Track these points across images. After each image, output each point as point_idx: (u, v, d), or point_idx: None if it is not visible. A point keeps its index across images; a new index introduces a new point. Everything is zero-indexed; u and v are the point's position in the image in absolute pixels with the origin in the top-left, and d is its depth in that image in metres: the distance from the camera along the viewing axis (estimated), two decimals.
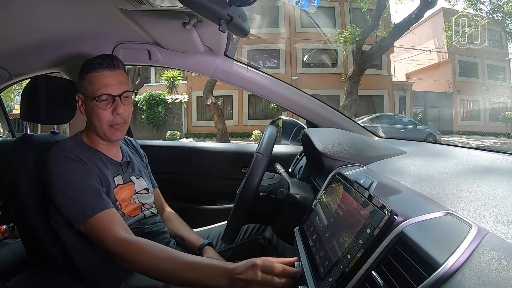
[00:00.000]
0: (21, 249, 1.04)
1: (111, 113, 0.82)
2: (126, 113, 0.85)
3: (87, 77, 0.82)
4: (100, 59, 0.82)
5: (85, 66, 0.83)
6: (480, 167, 0.67)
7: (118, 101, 0.82)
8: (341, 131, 1.06)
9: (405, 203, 0.51)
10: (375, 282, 0.42)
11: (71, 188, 0.75)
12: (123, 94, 0.83)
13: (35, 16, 0.85)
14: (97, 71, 0.81)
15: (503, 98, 13.35)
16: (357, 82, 8.07)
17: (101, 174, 0.82)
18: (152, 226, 0.90)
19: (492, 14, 11.01)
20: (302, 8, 0.68)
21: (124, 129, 0.87)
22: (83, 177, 0.77)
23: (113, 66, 0.82)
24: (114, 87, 0.82)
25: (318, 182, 0.92)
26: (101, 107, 0.81)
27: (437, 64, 14.08)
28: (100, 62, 0.81)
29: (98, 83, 0.81)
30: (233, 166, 1.46)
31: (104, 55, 0.84)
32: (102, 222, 0.73)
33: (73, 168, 0.77)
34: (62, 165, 0.77)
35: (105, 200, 0.77)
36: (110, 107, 0.82)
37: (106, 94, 0.81)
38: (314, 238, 0.63)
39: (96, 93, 0.81)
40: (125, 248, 0.69)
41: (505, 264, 0.32)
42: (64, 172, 0.76)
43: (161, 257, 0.67)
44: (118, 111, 0.82)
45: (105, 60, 0.82)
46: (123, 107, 0.83)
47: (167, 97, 11.78)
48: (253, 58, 12.25)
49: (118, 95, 0.82)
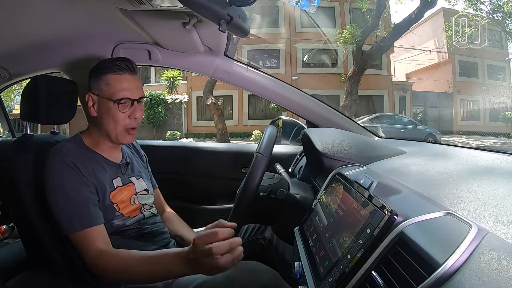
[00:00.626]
0: (21, 249, 1.04)
1: (127, 117, 0.83)
2: (141, 117, 0.86)
3: (105, 79, 0.82)
4: (120, 61, 0.82)
5: (101, 67, 0.83)
6: (480, 167, 0.67)
7: (136, 106, 0.84)
8: (341, 131, 1.06)
9: (405, 203, 0.51)
10: (375, 282, 0.42)
11: (63, 195, 0.76)
12: (140, 99, 0.84)
13: (35, 16, 0.85)
14: (117, 73, 0.81)
15: (503, 98, 13.34)
16: (357, 82, 8.08)
17: (97, 181, 0.81)
18: (152, 226, 0.90)
19: (492, 14, 11.01)
20: (302, 8, 0.68)
21: (135, 134, 0.88)
22: (76, 187, 0.77)
23: (133, 71, 0.84)
24: (133, 91, 0.83)
25: (318, 182, 0.92)
26: (120, 110, 0.81)
27: (437, 64, 14.08)
28: (120, 65, 0.82)
29: (117, 86, 0.81)
30: (233, 166, 1.46)
31: (122, 58, 0.84)
32: (87, 238, 0.74)
33: (67, 175, 0.77)
34: (57, 170, 0.77)
35: (93, 215, 0.77)
36: (128, 111, 0.83)
37: (126, 98, 0.81)
38: (314, 238, 0.63)
39: (116, 95, 0.81)
40: (99, 260, 0.72)
41: (505, 264, 0.32)
42: (58, 177, 0.77)
43: (126, 259, 0.70)
44: (136, 115, 0.83)
45: (125, 63, 0.82)
46: (139, 112, 0.85)
47: (167, 97, 11.78)
48: (253, 58, 12.25)
49: (137, 100, 0.83)
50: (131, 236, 0.85)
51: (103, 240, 0.76)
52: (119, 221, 0.84)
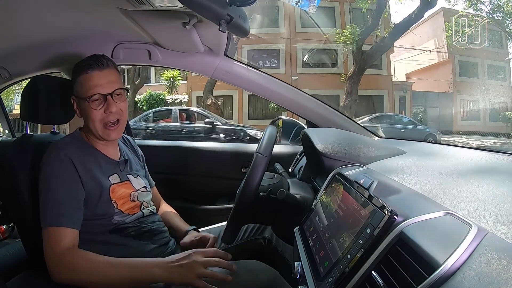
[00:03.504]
0: (21, 249, 1.03)
1: (103, 112, 0.82)
2: (120, 110, 0.84)
3: (78, 80, 0.82)
4: (88, 60, 0.82)
5: (75, 69, 0.84)
6: (480, 167, 0.67)
7: (110, 100, 0.82)
8: (341, 131, 1.06)
9: (405, 203, 0.51)
10: (375, 282, 0.42)
11: (50, 188, 0.76)
12: (114, 92, 0.83)
13: (35, 16, 0.85)
14: (86, 72, 0.81)
15: (503, 98, 13.34)
16: (357, 82, 8.08)
17: (92, 177, 0.81)
18: (151, 224, 0.90)
19: (492, 14, 11.00)
20: (302, 8, 0.68)
21: (120, 128, 0.86)
22: (65, 184, 0.76)
23: (102, 66, 0.82)
24: (104, 86, 0.81)
25: (318, 182, 0.92)
26: (93, 107, 0.81)
27: (437, 64, 14.08)
28: (89, 62, 0.82)
29: (88, 84, 0.81)
30: (233, 166, 1.46)
31: (92, 56, 0.83)
32: (58, 235, 0.73)
33: (60, 170, 0.77)
34: (50, 162, 0.78)
35: (73, 217, 0.76)
36: (103, 107, 0.82)
37: (97, 94, 0.81)
38: (314, 238, 0.63)
39: (87, 93, 0.81)
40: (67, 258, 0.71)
41: (505, 264, 0.32)
42: (50, 170, 0.77)
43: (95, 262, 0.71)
44: (111, 110, 0.82)
45: (93, 60, 0.82)
46: (116, 105, 0.83)
47: (167, 97, 11.78)
48: (253, 58, 12.25)
49: (110, 94, 0.82)
50: (131, 234, 0.85)
51: (74, 243, 0.75)
52: (119, 217, 0.84)
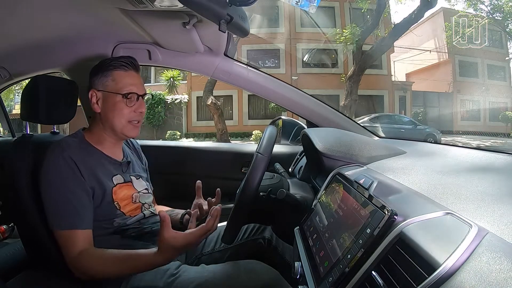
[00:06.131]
0: (21, 249, 1.04)
1: (133, 111, 0.86)
2: (144, 113, 0.90)
3: (111, 75, 0.85)
4: (126, 59, 0.87)
5: (106, 64, 0.86)
6: (480, 167, 0.67)
7: (141, 101, 0.88)
8: (341, 131, 1.06)
9: (405, 203, 0.51)
10: (375, 282, 0.42)
11: (56, 190, 0.76)
12: (144, 95, 0.89)
13: (35, 16, 0.85)
14: (123, 69, 0.86)
15: (503, 98, 13.35)
16: (357, 82, 8.07)
17: (95, 177, 0.81)
18: (152, 226, 0.90)
19: (492, 14, 11.01)
20: (302, 8, 0.68)
21: (139, 128, 0.90)
22: (70, 185, 0.77)
23: (138, 69, 0.89)
24: (139, 87, 0.87)
25: (318, 182, 0.92)
26: (127, 104, 0.85)
27: (437, 64, 14.08)
28: (127, 62, 0.86)
29: (124, 81, 0.85)
30: (233, 166, 1.46)
31: (127, 57, 0.88)
32: (72, 238, 0.75)
33: (63, 171, 0.77)
34: (54, 164, 0.78)
35: (83, 218, 0.77)
36: (134, 105, 0.86)
37: (133, 93, 0.85)
38: (314, 238, 0.63)
39: (123, 90, 0.84)
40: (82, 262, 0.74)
41: (505, 264, 0.32)
42: (53, 172, 0.77)
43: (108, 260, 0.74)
44: (142, 110, 0.88)
45: (131, 60, 0.87)
46: (144, 106, 0.89)
47: (167, 97, 11.78)
48: (253, 58, 12.25)
49: (142, 95, 0.88)
50: (132, 235, 0.85)
51: (89, 243, 0.77)
52: (120, 220, 0.84)
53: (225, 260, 0.94)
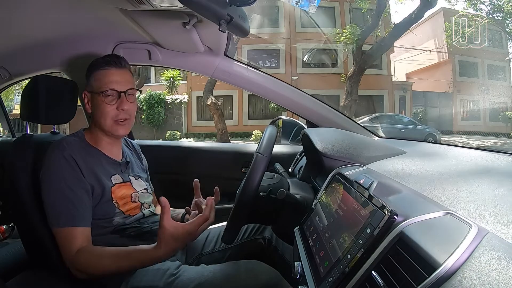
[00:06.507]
0: (21, 249, 1.04)
1: (115, 109, 0.85)
2: (131, 109, 0.88)
3: (94, 75, 0.86)
4: (107, 57, 0.87)
5: (92, 65, 0.87)
6: (480, 167, 0.67)
7: (123, 98, 0.86)
8: (341, 131, 1.06)
9: (405, 203, 0.51)
10: (375, 282, 0.42)
11: (56, 188, 0.77)
12: (127, 91, 0.86)
13: (35, 16, 0.85)
14: (104, 68, 0.85)
15: (503, 98, 13.34)
16: (357, 82, 8.07)
17: (95, 176, 0.82)
18: (152, 225, 0.90)
19: (492, 14, 11.00)
20: (302, 8, 0.68)
21: (127, 126, 0.89)
22: (70, 183, 0.77)
23: (120, 65, 0.87)
24: (120, 83, 0.85)
25: (318, 182, 0.91)
26: (107, 102, 0.84)
27: (437, 64, 14.08)
28: (107, 60, 0.86)
29: (104, 79, 0.85)
30: (233, 166, 1.46)
31: (111, 55, 0.89)
32: (70, 236, 0.75)
33: (64, 169, 0.78)
34: (54, 162, 0.78)
35: (82, 216, 0.77)
36: (115, 103, 0.85)
37: (111, 90, 0.84)
38: (314, 238, 0.63)
39: (102, 88, 0.84)
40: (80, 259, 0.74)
41: (505, 264, 0.32)
42: (54, 170, 0.78)
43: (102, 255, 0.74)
44: (123, 107, 0.85)
45: (111, 58, 0.87)
46: (128, 103, 0.86)
47: (167, 97, 11.78)
48: (253, 58, 12.23)
49: (123, 92, 0.85)
50: (131, 235, 0.85)
51: (87, 241, 0.77)
52: (120, 219, 0.84)
53: (225, 260, 0.94)
